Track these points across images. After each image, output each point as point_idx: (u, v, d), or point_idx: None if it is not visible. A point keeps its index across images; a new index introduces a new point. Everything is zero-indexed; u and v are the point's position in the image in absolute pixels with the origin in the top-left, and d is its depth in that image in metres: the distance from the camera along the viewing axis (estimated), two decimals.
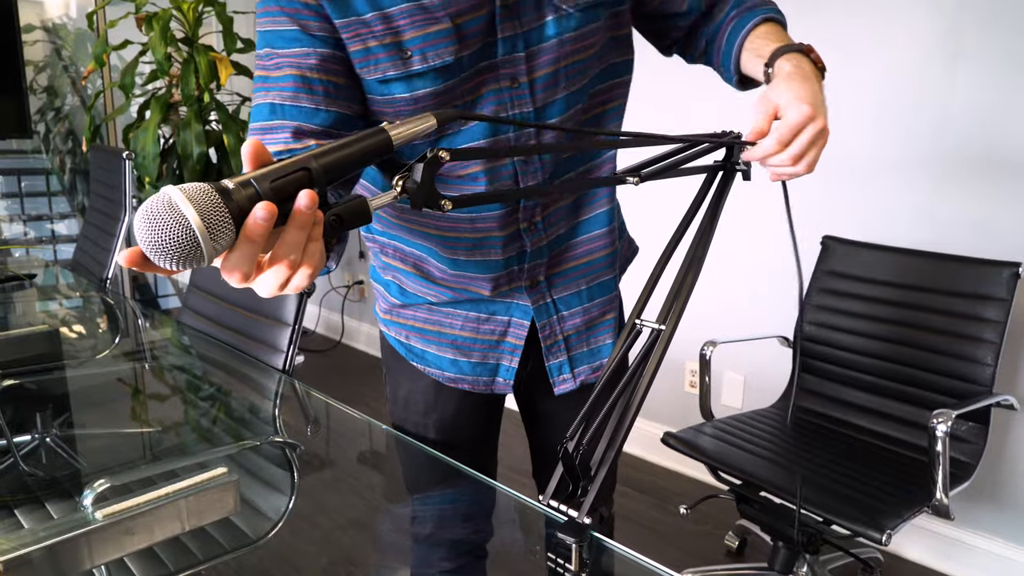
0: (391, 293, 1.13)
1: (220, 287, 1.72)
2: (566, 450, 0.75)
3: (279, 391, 1.47)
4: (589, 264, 1.09)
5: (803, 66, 0.89)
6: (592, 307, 1.10)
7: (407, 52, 0.84)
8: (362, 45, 0.84)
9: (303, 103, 0.83)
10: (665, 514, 2.35)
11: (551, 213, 1.02)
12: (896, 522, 1.44)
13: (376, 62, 0.84)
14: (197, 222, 0.49)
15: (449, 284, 1.06)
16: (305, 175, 0.54)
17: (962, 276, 1.76)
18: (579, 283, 1.09)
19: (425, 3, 0.83)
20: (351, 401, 1.29)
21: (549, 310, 1.08)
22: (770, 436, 1.81)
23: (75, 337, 1.78)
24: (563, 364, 1.11)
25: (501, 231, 0.99)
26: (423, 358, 1.12)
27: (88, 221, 2.63)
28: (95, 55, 3.18)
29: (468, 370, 1.11)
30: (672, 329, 0.78)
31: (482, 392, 1.12)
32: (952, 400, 1.71)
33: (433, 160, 0.61)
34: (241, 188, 0.52)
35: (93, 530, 0.81)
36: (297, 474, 1.13)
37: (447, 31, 0.84)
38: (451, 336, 1.10)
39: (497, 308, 1.08)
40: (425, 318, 1.10)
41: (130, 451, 1.25)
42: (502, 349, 1.10)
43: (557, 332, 1.09)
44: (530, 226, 1.01)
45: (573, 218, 1.06)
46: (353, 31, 0.83)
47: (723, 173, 0.86)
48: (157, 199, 0.49)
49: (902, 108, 2.01)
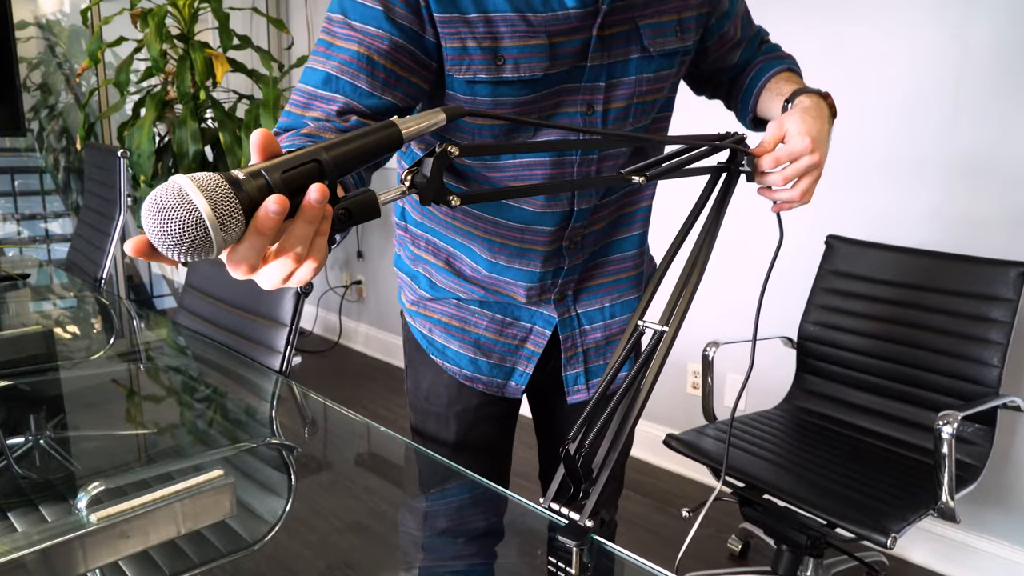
0: (420, 286, 1.16)
1: (216, 287, 1.72)
2: (568, 452, 0.75)
3: (276, 392, 1.47)
4: (616, 283, 1.14)
5: (820, 106, 0.96)
6: (613, 323, 1.15)
7: (501, 59, 0.87)
8: (460, 43, 0.86)
9: (361, 83, 0.84)
10: (667, 517, 2.35)
11: (590, 233, 1.08)
12: (901, 525, 1.44)
13: (470, 63, 0.87)
14: (208, 212, 0.48)
15: (482, 284, 1.10)
16: (316, 167, 0.54)
17: (968, 276, 1.76)
18: (603, 300, 1.14)
19: (528, 16, 0.87)
20: (349, 403, 1.29)
21: (573, 323, 1.13)
22: (773, 438, 1.81)
23: (69, 338, 1.78)
24: (579, 375, 1.15)
25: (546, 246, 1.05)
26: (444, 354, 1.15)
27: (82, 220, 2.63)
28: (89, 52, 3.18)
29: (485, 370, 1.14)
30: (675, 331, 0.78)
31: (494, 394, 1.15)
32: (958, 401, 1.71)
33: (442, 155, 0.61)
34: (251, 179, 0.51)
35: (87, 533, 0.81)
36: (294, 477, 1.13)
37: (543, 47, 0.88)
38: (474, 335, 1.13)
39: (522, 314, 1.12)
40: (452, 313, 1.14)
41: (125, 453, 1.25)
42: (520, 354, 1.14)
43: (578, 344, 1.14)
44: (571, 244, 1.06)
45: (607, 237, 1.12)
46: (454, 28, 0.86)
47: (727, 175, 0.87)
48: (166, 188, 0.48)
49: (909, 105, 2.01)
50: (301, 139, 0.75)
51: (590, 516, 0.73)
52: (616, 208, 1.10)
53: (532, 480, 1.37)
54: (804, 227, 2.20)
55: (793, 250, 2.23)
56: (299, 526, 0.98)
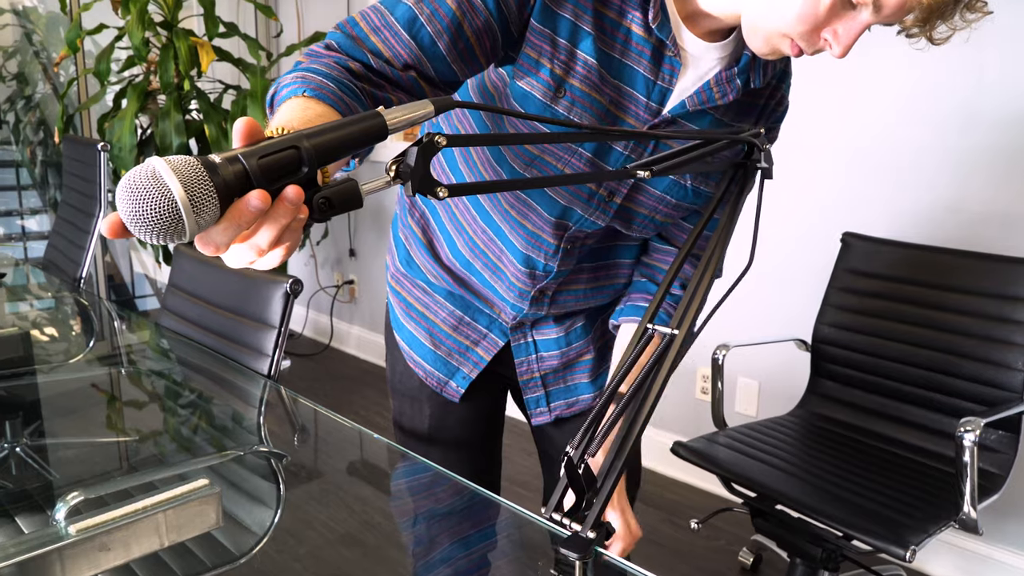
0: (399, 256, 1.21)
1: (201, 287, 1.72)
2: (570, 460, 0.75)
3: (264, 398, 1.47)
4: (575, 319, 1.18)
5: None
6: (570, 351, 1.19)
7: (562, 92, 0.90)
8: (536, 56, 0.89)
9: (441, 45, 0.83)
10: (676, 528, 2.35)
11: (564, 292, 1.11)
12: (921, 537, 1.44)
13: (535, 77, 0.90)
14: (181, 195, 0.49)
15: (452, 275, 1.15)
16: (295, 154, 0.54)
17: (991, 275, 1.76)
18: (558, 331, 1.18)
19: (606, 74, 0.90)
20: (340, 408, 1.29)
21: (529, 349, 1.18)
22: (787, 446, 1.81)
23: (47, 340, 1.78)
24: (540, 399, 1.21)
25: (517, 280, 1.08)
26: (402, 331, 1.22)
27: (60, 217, 2.63)
28: (68, 40, 3.18)
29: (430, 360, 1.19)
30: (685, 334, 0.78)
31: (432, 388, 1.20)
32: (980, 407, 1.71)
33: (428, 144, 0.61)
34: (228, 163, 0.52)
35: (66, 546, 0.81)
36: (283, 486, 1.13)
37: (601, 106, 0.91)
38: (430, 322, 1.19)
39: (481, 318, 1.17)
40: (418, 297, 1.19)
41: (105, 462, 1.25)
42: (468, 356, 1.19)
43: (535, 370, 1.19)
44: (539, 296, 1.10)
45: (577, 305, 1.15)
46: (540, 41, 0.89)
47: (743, 171, 0.86)
48: (141, 169, 0.50)
49: (927, 94, 2.01)
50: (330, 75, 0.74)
51: (594, 527, 0.73)
52: (591, 277, 1.13)
53: (531, 489, 1.37)
54: (819, 224, 2.21)
55: (807, 248, 2.23)
56: (288, 538, 0.98)
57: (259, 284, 1.53)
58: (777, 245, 2.30)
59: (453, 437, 1.22)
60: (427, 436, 1.22)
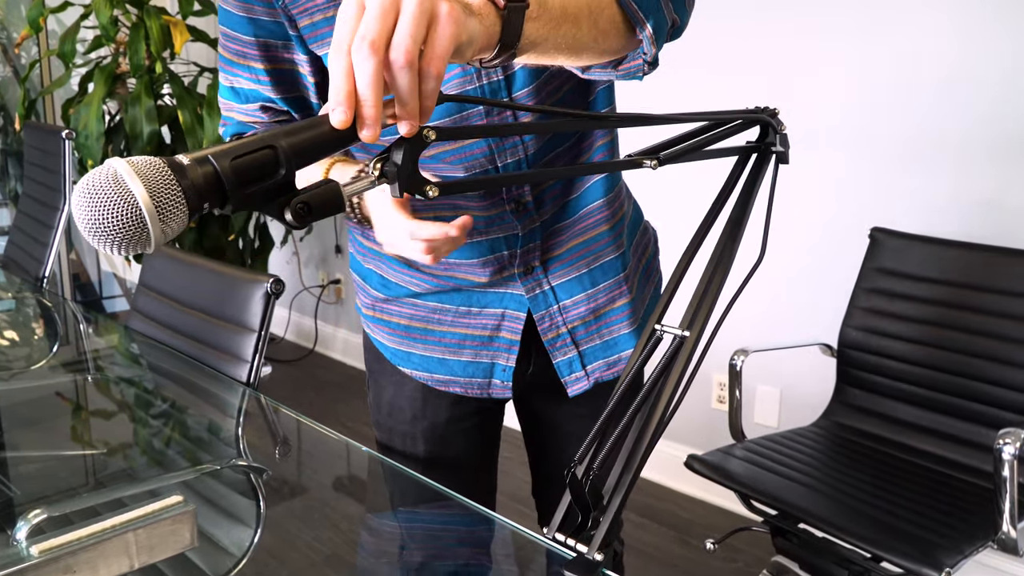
0: (372, 285, 1.17)
1: (174, 287, 1.72)
2: (574, 475, 0.75)
3: (243, 407, 1.47)
4: (588, 243, 1.11)
5: None
6: (597, 293, 1.12)
7: None
8: (308, 20, 0.93)
9: (263, 88, 0.99)
10: (689, 549, 2.35)
11: (543, 191, 1.06)
12: (956, 558, 1.44)
13: (324, 35, 0.93)
14: (145, 200, 0.49)
15: (433, 270, 1.09)
16: (271, 154, 0.54)
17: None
18: (579, 266, 1.10)
19: None
20: (325, 419, 1.30)
21: (548, 299, 1.10)
22: (810, 459, 1.81)
23: (7, 345, 1.79)
24: (573, 361, 1.12)
25: (484, 211, 1.03)
26: (408, 359, 1.16)
27: (21, 211, 2.63)
28: (30, 19, 3.18)
29: (459, 370, 1.14)
30: (697, 336, 0.78)
31: (477, 396, 1.14)
32: (1021, 418, 1.71)
33: (417, 139, 0.61)
34: (197, 165, 0.52)
35: (28, 568, 0.81)
36: (263, 503, 1.13)
37: None
38: (438, 333, 1.13)
39: (490, 300, 1.10)
40: (411, 314, 1.14)
41: (71, 477, 1.25)
42: (496, 346, 1.12)
43: (560, 324, 1.11)
44: (519, 206, 1.04)
45: (566, 195, 1.09)
46: (300, 7, 0.92)
47: (757, 156, 0.86)
48: (100, 172, 0.49)
49: (959, 82, 2.01)
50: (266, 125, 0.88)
51: (601, 548, 0.73)
52: (569, 162, 1.08)
53: (525, 503, 1.37)
54: (845, 219, 2.21)
55: (832, 245, 2.23)
56: (269, 559, 0.99)
57: (237, 284, 1.53)
58: (800, 241, 2.30)
59: (447, 464, 1.20)
60: (421, 463, 1.19)
